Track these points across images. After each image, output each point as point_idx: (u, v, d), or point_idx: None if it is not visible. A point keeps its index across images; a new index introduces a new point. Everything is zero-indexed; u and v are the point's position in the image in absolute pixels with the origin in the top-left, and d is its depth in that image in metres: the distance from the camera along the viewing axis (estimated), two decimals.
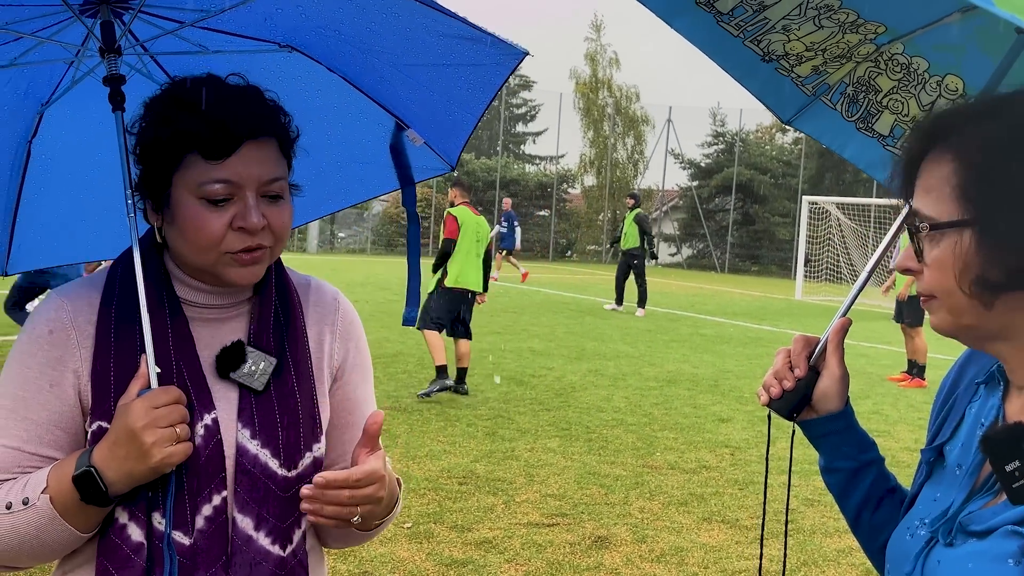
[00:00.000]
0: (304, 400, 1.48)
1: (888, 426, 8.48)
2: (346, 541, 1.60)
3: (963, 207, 1.09)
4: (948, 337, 1.19)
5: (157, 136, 1.38)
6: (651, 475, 6.46)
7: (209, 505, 1.38)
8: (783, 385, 1.41)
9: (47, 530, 1.33)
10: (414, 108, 1.84)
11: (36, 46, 1.68)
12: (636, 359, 11.64)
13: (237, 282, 1.43)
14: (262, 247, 1.40)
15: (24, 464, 1.37)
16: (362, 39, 1.72)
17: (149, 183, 1.41)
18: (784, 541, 1.57)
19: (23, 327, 1.44)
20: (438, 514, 5.36)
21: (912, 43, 1.73)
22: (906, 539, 1.23)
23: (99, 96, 1.79)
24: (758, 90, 1.88)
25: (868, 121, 1.87)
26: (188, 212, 1.37)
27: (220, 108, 1.36)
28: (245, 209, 1.37)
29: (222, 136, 1.35)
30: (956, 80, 1.73)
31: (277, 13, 1.70)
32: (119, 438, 1.31)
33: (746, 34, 1.75)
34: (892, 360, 12.96)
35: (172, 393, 1.35)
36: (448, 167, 1.94)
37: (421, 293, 1.90)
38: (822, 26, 1.70)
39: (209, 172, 1.35)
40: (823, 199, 26.87)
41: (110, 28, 1.56)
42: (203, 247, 1.38)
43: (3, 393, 1.39)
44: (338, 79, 1.83)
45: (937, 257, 1.12)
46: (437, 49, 1.68)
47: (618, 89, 39.68)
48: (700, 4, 1.70)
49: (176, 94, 1.41)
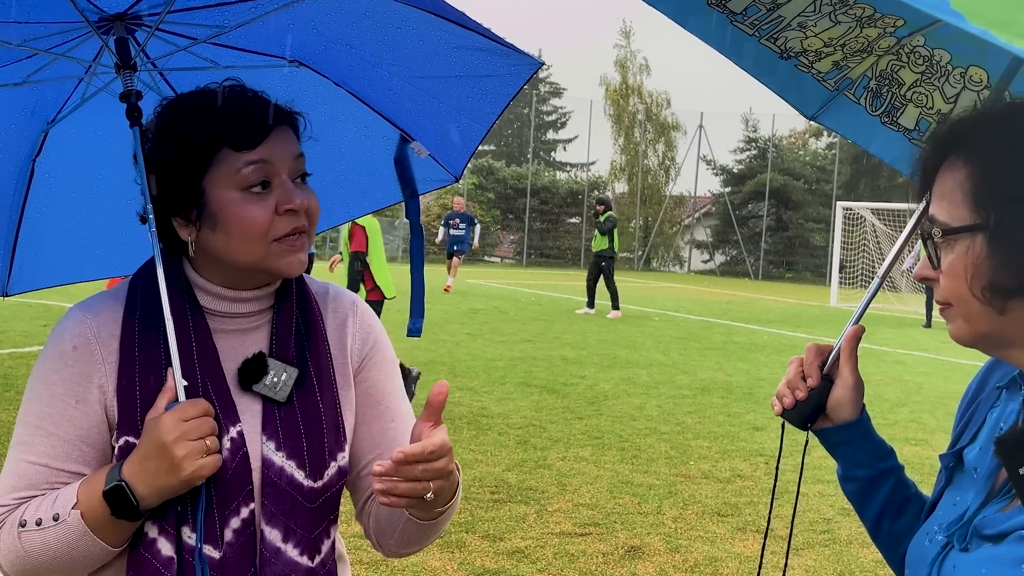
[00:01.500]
0: (327, 409, 1.48)
1: (926, 434, 8.35)
2: (412, 541, 1.53)
3: (976, 212, 1.09)
4: (966, 347, 1.18)
5: (184, 144, 1.39)
6: (685, 484, 6.40)
7: (237, 518, 1.38)
8: (796, 395, 1.41)
9: (78, 546, 1.33)
10: (422, 120, 1.84)
11: (50, 63, 1.69)
12: (669, 367, 11.57)
13: (286, 272, 1.44)
14: (304, 230, 1.43)
15: (52, 480, 1.37)
16: (374, 53, 1.72)
17: (179, 198, 1.41)
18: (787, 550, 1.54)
19: (47, 343, 1.44)
20: (470, 523, 5.35)
21: (933, 35, 1.70)
22: (924, 544, 1.22)
23: (103, 114, 1.79)
24: (779, 87, 1.86)
25: (893, 115, 1.84)
26: (232, 208, 1.39)
27: (241, 103, 1.41)
28: (286, 192, 1.40)
29: (251, 125, 1.38)
30: (980, 71, 1.70)
31: (290, 28, 1.70)
32: (149, 452, 1.31)
33: (761, 32, 1.72)
34: (929, 367, 12.77)
35: (201, 406, 1.35)
36: (452, 178, 1.94)
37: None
38: (839, 21, 1.67)
39: (243, 159, 1.38)
40: (858, 204, 26.58)
41: (124, 45, 1.57)
42: (253, 237, 1.39)
43: (29, 410, 1.40)
44: (344, 93, 1.83)
45: (951, 263, 1.12)
46: (450, 61, 1.68)
47: (648, 95, 39.60)
48: (712, 4, 1.67)
49: (188, 105, 1.42)
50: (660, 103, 39.60)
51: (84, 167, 1.94)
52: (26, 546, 1.34)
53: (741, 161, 39.99)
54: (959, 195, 1.10)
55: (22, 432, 1.39)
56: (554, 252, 37.46)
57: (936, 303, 1.18)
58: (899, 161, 1.90)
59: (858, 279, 27.49)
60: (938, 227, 1.13)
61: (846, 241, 27.11)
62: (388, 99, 1.82)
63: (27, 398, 1.41)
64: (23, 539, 1.34)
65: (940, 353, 14.39)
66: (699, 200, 40.64)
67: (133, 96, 1.54)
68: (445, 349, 11.78)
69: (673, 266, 39.63)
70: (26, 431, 1.38)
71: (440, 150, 1.88)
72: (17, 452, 1.39)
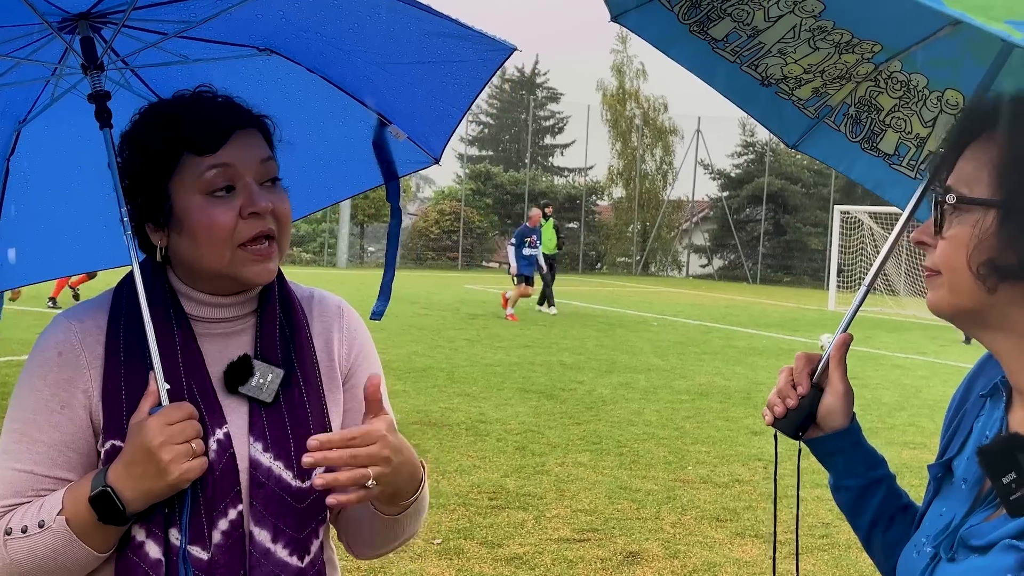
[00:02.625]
0: (314, 410, 1.49)
1: (924, 438, 8.35)
2: (381, 539, 1.55)
3: (995, 188, 1.10)
4: (942, 318, 1.18)
5: (147, 152, 1.40)
6: (683, 489, 6.40)
7: (225, 519, 1.38)
8: (786, 403, 1.41)
9: (64, 552, 1.33)
10: (397, 104, 1.84)
11: (13, 67, 1.68)
12: (667, 372, 11.57)
13: (254, 280, 1.44)
14: (271, 234, 1.42)
15: (37, 487, 1.37)
16: (344, 39, 1.72)
17: (147, 205, 1.43)
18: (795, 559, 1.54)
19: (32, 350, 1.45)
20: (468, 530, 5.34)
21: (909, 60, 1.73)
22: (913, 556, 1.22)
23: (76, 111, 1.78)
24: (760, 115, 1.90)
25: (872, 141, 1.87)
26: (195, 213, 1.39)
27: (205, 107, 1.42)
28: (250, 195, 1.40)
29: (212, 130, 1.39)
30: (956, 94, 1.73)
31: (257, 19, 1.70)
32: (135, 456, 1.31)
33: (743, 59, 1.76)
34: (928, 371, 12.77)
35: (185, 409, 1.35)
36: (432, 160, 1.94)
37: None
38: (818, 47, 1.71)
39: (204, 163, 1.39)
40: (855, 208, 26.60)
41: (90, 44, 1.56)
42: (217, 242, 1.39)
43: (14, 417, 1.40)
44: (318, 79, 1.83)
45: (956, 232, 1.13)
46: (422, 47, 1.68)
47: (645, 100, 39.64)
48: (694, 32, 1.72)
49: (153, 113, 1.44)
50: (657, 108, 39.65)
51: (59, 165, 1.93)
52: (12, 554, 1.34)
53: (739, 165, 40.04)
54: (985, 169, 1.11)
55: (7, 439, 1.39)
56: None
57: (924, 267, 1.19)
58: (881, 187, 1.93)
59: (856, 283, 27.50)
60: (953, 194, 1.13)
61: (844, 245, 27.14)
62: (362, 84, 1.83)
63: (13, 406, 1.41)
64: (9, 547, 1.34)
65: (938, 357, 14.39)
66: (697, 205, 40.68)
67: (102, 98, 1.52)
68: (443, 355, 11.77)
69: (671, 271, 39.66)
70: (11, 438, 1.39)
71: (418, 133, 1.88)
72: (2, 460, 1.39)
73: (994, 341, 1.16)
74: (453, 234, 35.68)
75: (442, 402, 8.87)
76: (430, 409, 8.54)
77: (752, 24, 1.68)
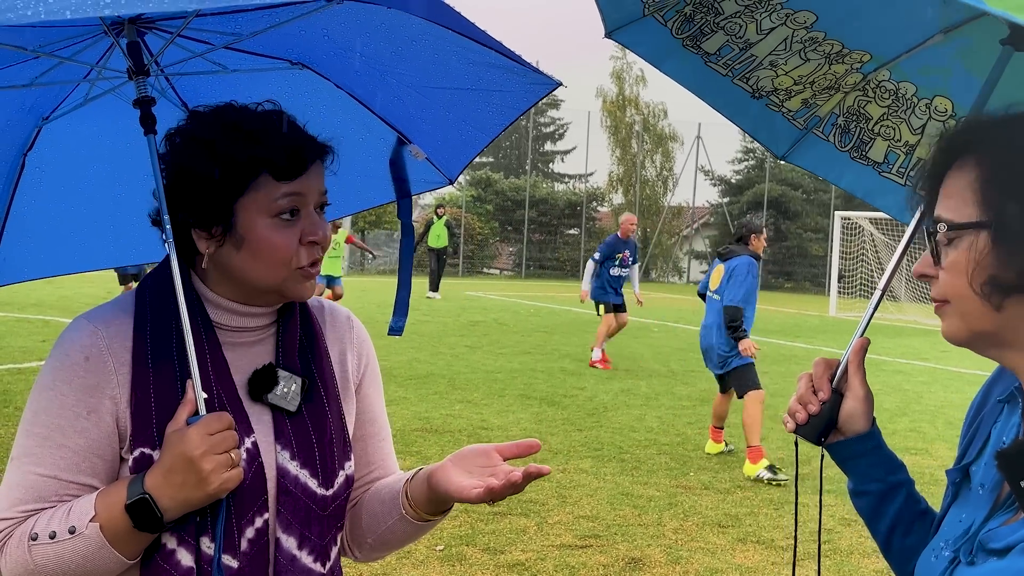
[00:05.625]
0: (334, 419, 1.52)
1: (926, 444, 8.34)
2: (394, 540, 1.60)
3: (982, 209, 1.12)
4: (959, 346, 1.19)
5: (224, 163, 1.39)
6: (685, 495, 6.40)
7: (252, 528, 1.40)
8: (808, 410, 1.41)
9: (93, 558, 1.33)
10: (423, 126, 1.84)
11: (56, 66, 1.69)
12: (669, 378, 11.57)
13: (300, 297, 1.48)
14: (320, 259, 1.47)
15: (61, 493, 1.37)
16: (383, 60, 1.72)
17: (206, 212, 1.42)
18: (818, 565, 1.55)
19: (54, 353, 1.42)
20: (470, 536, 5.34)
21: (898, 68, 1.75)
22: (931, 561, 1.23)
23: (99, 112, 1.79)
24: (750, 127, 1.92)
25: (862, 149, 1.89)
26: (261, 233, 1.41)
27: (287, 132, 1.44)
28: (312, 224, 1.44)
29: (295, 157, 1.41)
30: (945, 101, 1.75)
31: (300, 34, 1.71)
32: (175, 465, 1.32)
33: (734, 72, 1.78)
34: (929, 377, 12.76)
35: (225, 419, 1.36)
36: (447, 181, 1.95)
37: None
38: (808, 59, 1.73)
39: (281, 189, 1.41)
40: (856, 214, 26.59)
41: (136, 49, 1.57)
42: (278, 264, 1.42)
43: (36, 421, 1.38)
44: (344, 95, 1.84)
45: (954, 260, 1.14)
46: (462, 75, 1.69)
47: (645, 106, 39.65)
48: (687, 47, 1.75)
49: (230, 123, 1.42)
50: (657, 114, 39.64)
51: (75, 163, 1.94)
52: (37, 560, 1.33)
53: (739, 171, 40.03)
54: (968, 193, 1.13)
55: (28, 443, 1.37)
56: (553, 264, 37.44)
57: (932, 300, 1.20)
58: (871, 195, 1.94)
59: (857, 289, 27.51)
60: (943, 223, 1.15)
61: (844, 251, 27.13)
62: (390, 104, 1.83)
63: (33, 409, 1.39)
64: (34, 552, 1.33)
65: (939, 362, 14.38)
66: (697, 211, 40.67)
67: (148, 103, 1.54)
68: (444, 362, 11.76)
69: (672, 277, 39.63)
70: (33, 442, 1.37)
71: (439, 154, 1.88)
72: (23, 464, 1.37)
73: (1010, 357, 1.17)
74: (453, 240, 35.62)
75: (443, 409, 8.87)
76: (431, 416, 8.54)
77: (744, 37, 1.70)
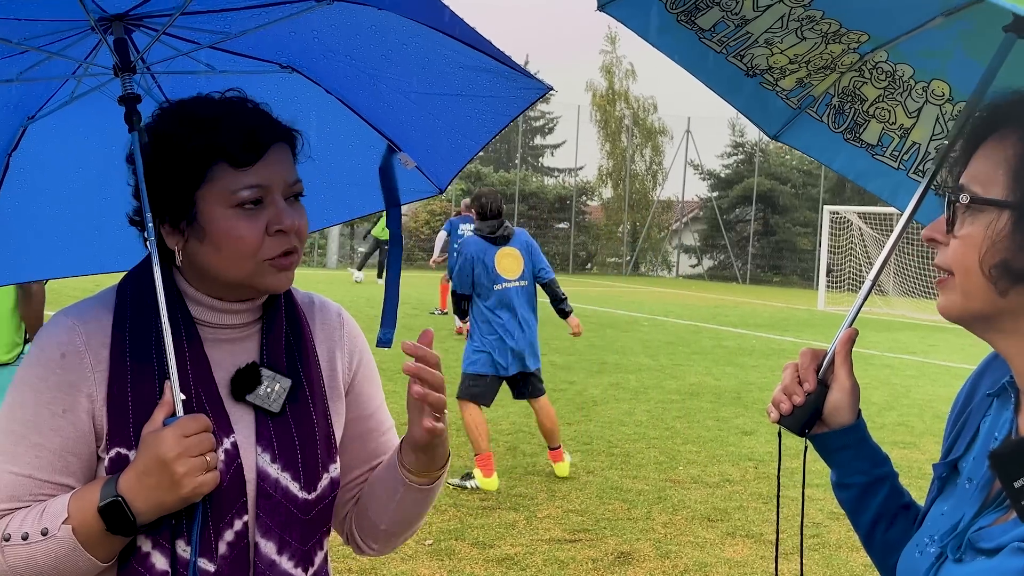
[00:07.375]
0: (319, 420, 1.47)
1: (914, 438, 8.38)
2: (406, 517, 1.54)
3: (1011, 189, 1.08)
4: (953, 322, 1.17)
5: (177, 153, 1.36)
6: (674, 489, 6.41)
7: (231, 530, 1.37)
8: (793, 400, 1.39)
9: (66, 560, 1.31)
10: (413, 133, 1.82)
11: (43, 61, 1.66)
12: (658, 372, 11.58)
13: (273, 289, 1.43)
14: (293, 250, 1.41)
15: (36, 492, 1.34)
16: (373, 64, 1.70)
17: (168, 207, 1.39)
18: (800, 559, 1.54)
19: (32, 349, 1.40)
20: (459, 531, 5.33)
21: (896, 50, 1.72)
22: (915, 556, 1.22)
23: (84, 111, 1.76)
24: (743, 106, 1.89)
25: (855, 131, 1.86)
26: (222, 224, 1.37)
27: (243, 116, 1.38)
28: (277, 212, 1.39)
29: (250, 143, 1.36)
30: (942, 84, 1.72)
31: (289, 36, 1.68)
32: (148, 467, 1.29)
33: (729, 49, 1.75)
34: (917, 371, 12.82)
35: (201, 421, 1.33)
36: (436, 190, 1.92)
37: None
38: (805, 38, 1.70)
39: (239, 179, 1.36)
40: (844, 208, 26.68)
41: (124, 46, 1.55)
42: (242, 256, 1.38)
43: (11, 418, 1.36)
44: (334, 100, 1.81)
45: (969, 232, 1.11)
46: (453, 80, 1.66)
47: (635, 100, 39.64)
48: (681, 22, 1.70)
49: (186, 113, 1.40)
50: (647, 108, 39.62)
51: (61, 164, 1.90)
52: (9, 561, 1.31)
53: (728, 166, 40.05)
54: (1000, 168, 1.10)
55: (4, 442, 1.35)
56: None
57: (935, 266, 1.17)
58: (863, 177, 1.92)
59: (845, 283, 27.59)
60: (967, 194, 1.12)
61: (833, 245, 27.20)
62: (380, 110, 1.80)
63: (10, 406, 1.37)
64: (7, 553, 1.31)
65: (928, 356, 14.45)
66: (687, 205, 40.69)
67: (133, 100, 1.52)
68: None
69: (661, 271, 39.65)
70: (8, 440, 1.35)
71: (427, 162, 1.86)
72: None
73: (1004, 344, 1.16)
74: None
75: None
76: None
77: (740, 14, 1.66)
